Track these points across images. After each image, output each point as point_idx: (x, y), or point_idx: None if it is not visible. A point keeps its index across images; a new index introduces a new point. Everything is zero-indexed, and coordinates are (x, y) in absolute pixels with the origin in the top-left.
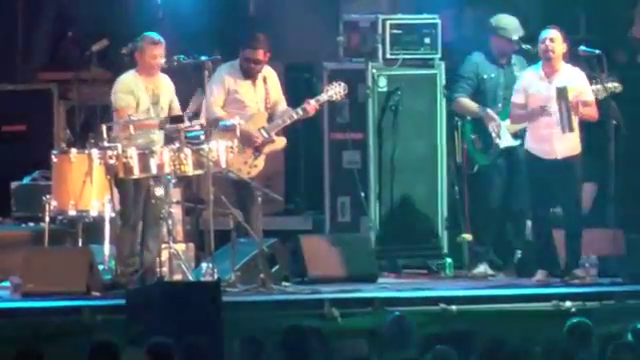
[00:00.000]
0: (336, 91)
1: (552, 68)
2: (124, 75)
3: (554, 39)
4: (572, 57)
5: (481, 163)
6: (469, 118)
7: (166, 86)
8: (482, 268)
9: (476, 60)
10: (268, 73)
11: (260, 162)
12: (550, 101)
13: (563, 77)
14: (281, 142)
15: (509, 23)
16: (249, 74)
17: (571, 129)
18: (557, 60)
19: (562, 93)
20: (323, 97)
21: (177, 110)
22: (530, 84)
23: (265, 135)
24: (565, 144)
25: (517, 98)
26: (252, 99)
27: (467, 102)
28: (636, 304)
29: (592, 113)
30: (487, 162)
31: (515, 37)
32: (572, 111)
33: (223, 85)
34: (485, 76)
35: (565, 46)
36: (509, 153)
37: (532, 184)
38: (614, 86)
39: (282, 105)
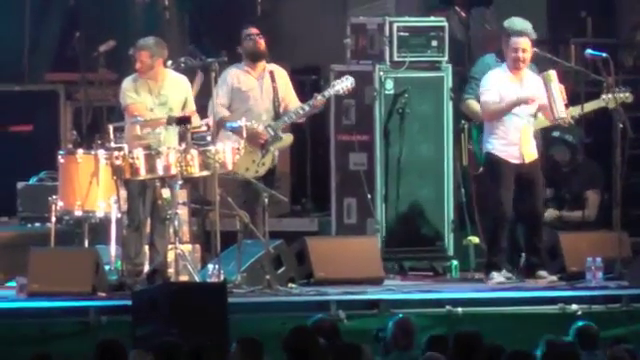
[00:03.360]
0: (343, 85)
1: (519, 73)
2: (128, 77)
3: (526, 49)
4: (578, 60)
5: None
6: (476, 122)
7: (176, 86)
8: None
9: (488, 62)
10: (276, 69)
11: (268, 160)
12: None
13: (530, 80)
14: (288, 139)
15: (519, 23)
16: (258, 53)
17: (564, 113)
18: (525, 67)
19: (548, 78)
20: (330, 91)
21: (190, 111)
22: (502, 85)
23: (271, 133)
24: (531, 148)
25: (492, 96)
26: (257, 96)
27: (474, 105)
28: None
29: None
30: None
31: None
32: (562, 94)
33: (227, 84)
34: None
35: (532, 51)
36: None
37: (500, 187)
38: (625, 96)
39: (291, 103)
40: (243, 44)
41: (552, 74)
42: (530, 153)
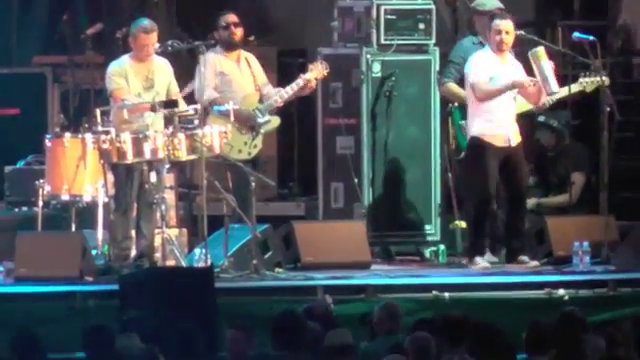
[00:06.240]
0: (318, 70)
1: (503, 55)
2: (116, 60)
3: (509, 32)
4: (565, 43)
5: None
6: (457, 104)
7: (162, 70)
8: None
9: (466, 45)
10: (248, 55)
11: (259, 142)
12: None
13: (514, 63)
14: (276, 121)
15: (491, 3)
16: (233, 43)
17: (557, 87)
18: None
19: (537, 55)
20: (309, 75)
21: (175, 94)
22: (489, 67)
23: (259, 115)
24: (515, 130)
25: (482, 77)
26: (239, 80)
27: (454, 87)
28: (629, 292)
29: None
30: None
31: (489, 7)
32: (552, 69)
33: (213, 67)
34: None
35: (514, 34)
36: None
37: (484, 171)
38: (602, 80)
39: (269, 87)
40: (219, 32)
41: (541, 50)
42: (516, 135)
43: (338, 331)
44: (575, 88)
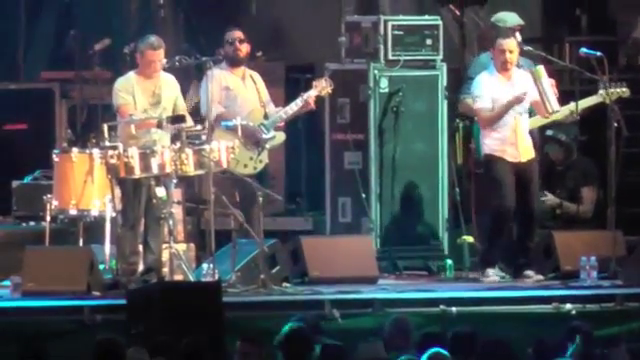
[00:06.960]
0: (323, 86)
1: (508, 73)
2: (123, 76)
3: (513, 50)
4: (573, 59)
5: None
6: (476, 119)
7: (169, 86)
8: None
9: (483, 61)
10: (253, 73)
11: (264, 157)
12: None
13: (519, 78)
14: (280, 137)
15: (506, 15)
16: (237, 59)
17: (557, 106)
18: (512, 67)
19: (537, 74)
20: (313, 92)
21: (182, 109)
22: (492, 89)
23: (265, 131)
24: (527, 147)
25: (485, 103)
26: (244, 95)
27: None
28: (636, 307)
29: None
30: None
31: (510, 24)
32: (552, 88)
33: (219, 82)
34: None
35: (519, 50)
36: None
37: (501, 185)
38: (622, 91)
39: (271, 106)
40: (225, 47)
41: (540, 69)
42: (527, 151)
43: (371, 345)
44: (595, 100)
